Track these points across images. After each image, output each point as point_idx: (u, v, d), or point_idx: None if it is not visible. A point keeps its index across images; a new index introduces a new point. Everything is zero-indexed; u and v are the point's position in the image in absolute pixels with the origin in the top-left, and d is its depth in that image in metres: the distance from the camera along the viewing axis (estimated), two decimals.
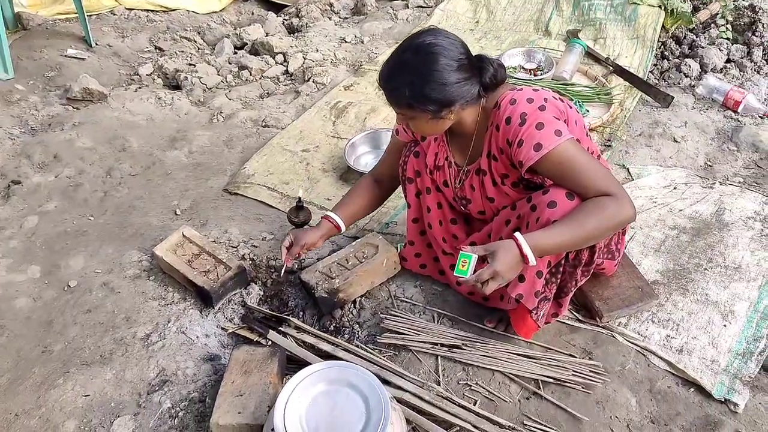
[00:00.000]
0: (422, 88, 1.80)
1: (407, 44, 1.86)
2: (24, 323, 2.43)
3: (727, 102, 3.61)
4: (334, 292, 2.40)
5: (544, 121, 1.83)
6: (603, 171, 1.86)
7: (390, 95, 1.89)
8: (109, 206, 2.99)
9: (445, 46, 1.81)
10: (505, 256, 1.80)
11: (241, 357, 2.15)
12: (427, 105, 1.82)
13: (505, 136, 1.90)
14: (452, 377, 2.20)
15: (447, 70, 1.79)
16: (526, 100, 1.86)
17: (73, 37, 4.40)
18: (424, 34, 1.85)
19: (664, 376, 2.20)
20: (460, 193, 2.21)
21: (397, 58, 1.87)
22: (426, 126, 1.93)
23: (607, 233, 1.90)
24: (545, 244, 1.81)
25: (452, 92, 1.82)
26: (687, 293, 2.48)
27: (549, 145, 1.82)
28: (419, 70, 1.80)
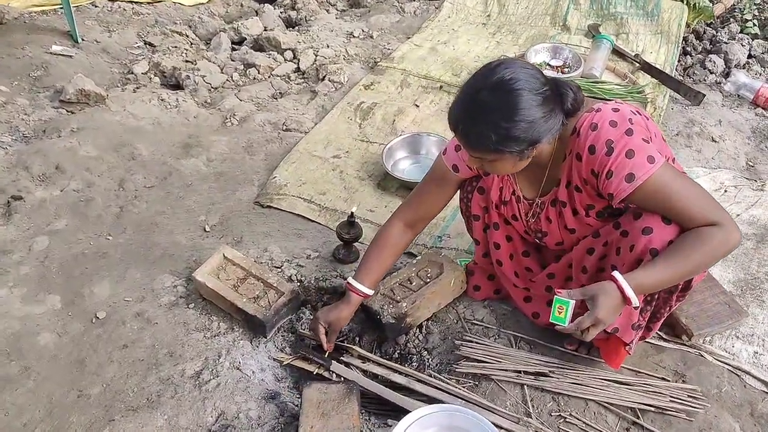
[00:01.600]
0: (509, 131, 1.60)
1: (481, 82, 1.64)
2: (51, 363, 2.14)
3: (757, 99, 3.54)
4: (401, 317, 2.20)
5: (634, 148, 1.65)
6: (702, 195, 1.69)
7: (470, 141, 1.67)
8: (127, 223, 2.70)
9: (526, 80, 1.61)
10: (606, 300, 1.67)
11: (315, 397, 1.94)
12: (514, 146, 1.63)
13: (589, 166, 1.72)
14: (542, 408, 2.03)
15: (532, 107, 1.60)
16: (609, 123, 1.68)
17: (56, 32, 4.03)
18: (499, 68, 1.63)
19: (763, 398, 2.07)
20: (535, 227, 2.02)
21: (472, 98, 1.64)
22: (508, 167, 1.74)
23: (713, 264, 1.78)
24: (647, 283, 1.68)
25: (540, 129, 1.63)
26: (764, 305, 2.37)
27: (642, 175, 1.65)
28: (503, 111, 1.59)
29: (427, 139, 3.07)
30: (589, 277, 1.97)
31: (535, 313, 2.22)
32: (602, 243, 1.89)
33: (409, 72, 3.71)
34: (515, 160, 1.69)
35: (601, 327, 1.69)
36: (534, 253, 2.18)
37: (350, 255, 2.53)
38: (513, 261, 2.18)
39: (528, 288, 2.21)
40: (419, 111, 3.40)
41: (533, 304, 2.22)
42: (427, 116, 3.37)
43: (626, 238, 1.79)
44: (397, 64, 3.78)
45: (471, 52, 3.95)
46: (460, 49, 3.97)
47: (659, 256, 1.69)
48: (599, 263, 1.93)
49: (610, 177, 1.68)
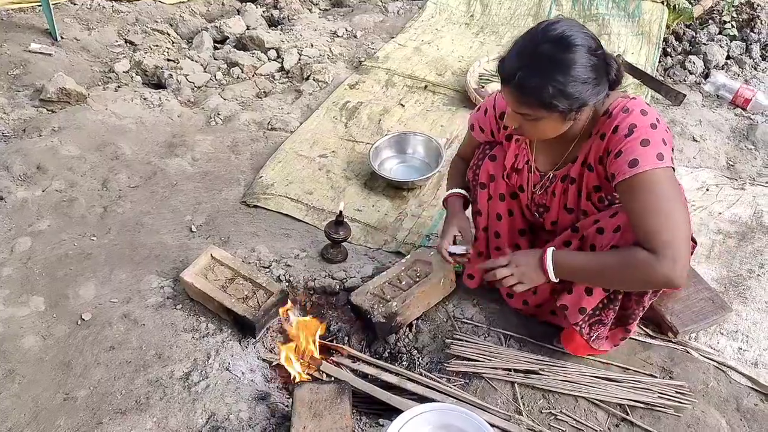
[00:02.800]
0: (565, 86, 1.59)
1: (541, 35, 1.62)
2: (37, 366, 2.11)
3: (736, 99, 3.59)
4: (392, 316, 2.20)
5: (651, 138, 1.67)
6: (672, 222, 1.62)
7: (524, 92, 1.64)
8: (112, 224, 2.65)
9: (584, 38, 1.61)
10: (526, 254, 1.86)
11: (306, 397, 1.92)
12: (566, 104, 1.62)
13: (608, 145, 1.74)
14: (533, 406, 2.05)
15: (588, 67, 1.60)
16: (640, 111, 1.70)
17: (35, 29, 3.95)
18: (559, 24, 1.63)
19: (748, 393, 2.11)
20: (539, 200, 2.03)
21: (532, 50, 1.62)
22: (548, 128, 1.73)
23: (632, 287, 1.82)
24: (566, 264, 1.80)
25: (589, 91, 1.63)
26: (747, 302, 2.41)
27: (645, 165, 1.65)
28: (563, 65, 1.58)
29: (413, 138, 3.06)
30: None
31: (509, 294, 2.26)
32: (579, 237, 1.92)
33: (393, 71, 3.71)
34: (559, 121, 1.69)
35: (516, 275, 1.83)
36: (528, 233, 2.19)
37: (338, 255, 2.52)
38: (509, 236, 2.19)
39: None
40: (405, 110, 3.39)
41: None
42: (412, 116, 3.37)
43: (600, 236, 1.83)
44: (382, 63, 3.77)
45: (455, 52, 3.96)
46: (444, 49, 3.98)
47: (592, 255, 1.81)
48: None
49: (618, 156, 1.69)
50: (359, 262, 2.53)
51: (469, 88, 3.44)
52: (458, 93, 3.55)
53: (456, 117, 3.36)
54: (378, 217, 2.75)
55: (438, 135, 3.16)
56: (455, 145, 3.16)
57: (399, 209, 2.80)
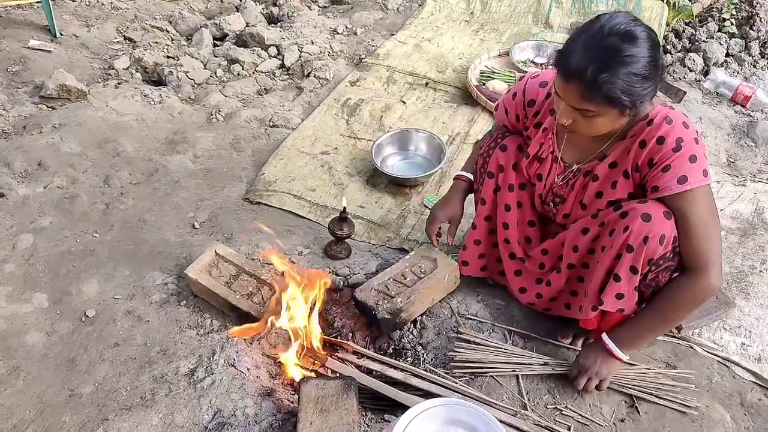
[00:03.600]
0: (634, 82, 1.57)
1: (608, 28, 1.57)
2: (41, 363, 2.10)
3: (736, 97, 3.61)
4: (396, 312, 2.20)
5: (698, 155, 1.70)
6: (715, 234, 1.77)
7: (592, 87, 1.58)
8: (114, 221, 2.65)
9: (647, 33, 1.59)
10: (588, 357, 1.97)
11: (313, 393, 1.92)
12: (629, 101, 1.60)
13: (651, 155, 1.73)
14: (538, 401, 2.05)
15: (652, 62, 1.59)
16: (682, 123, 1.71)
17: (34, 26, 3.94)
18: (619, 17, 1.59)
19: (752, 387, 2.12)
20: (558, 191, 2.02)
21: (598, 44, 1.57)
22: (605, 124, 1.70)
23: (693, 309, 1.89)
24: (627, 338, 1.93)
25: (649, 89, 1.62)
26: (749, 297, 2.43)
27: (694, 183, 1.69)
28: (631, 60, 1.55)
29: (416, 135, 3.06)
30: (579, 257, 2.00)
31: (522, 288, 2.24)
32: (598, 223, 1.91)
33: (394, 68, 3.71)
34: (617, 117, 1.67)
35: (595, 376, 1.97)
36: (539, 224, 2.19)
37: (342, 251, 2.52)
38: (518, 228, 2.18)
39: (523, 259, 2.21)
40: (406, 107, 3.39)
41: (522, 278, 2.24)
42: (414, 112, 3.37)
43: (623, 220, 1.81)
44: (382, 60, 3.77)
45: (455, 49, 3.96)
46: (444, 46, 3.98)
47: (643, 313, 1.89)
48: (591, 244, 1.96)
49: (666, 171, 1.70)
50: (363, 258, 2.53)
51: (470, 85, 3.44)
52: (459, 90, 3.56)
53: (457, 114, 3.37)
54: (381, 214, 2.75)
55: (439, 132, 3.16)
56: (457, 142, 3.17)
57: (402, 206, 2.80)
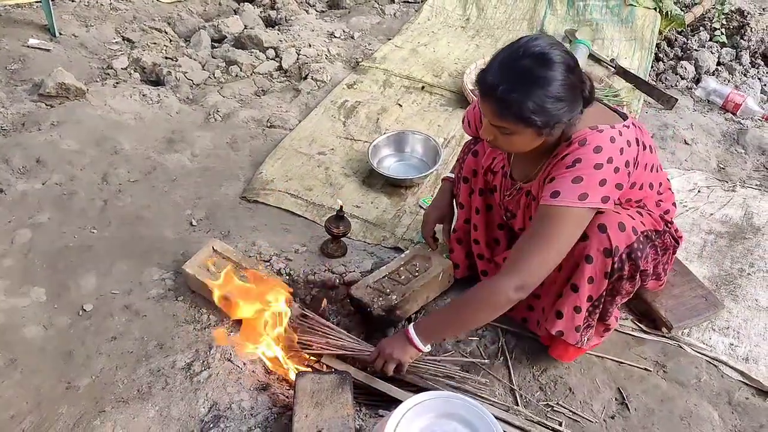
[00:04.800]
0: (545, 102, 1.60)
1: (522, 50, 1.63)
2: (39, 356, 2.12)
3: (726, 104, 3.66)
4: (391, 310, 2.23)
5: (585, 178, 1.69)
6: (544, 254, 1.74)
7: (503, 106, 1.63)
8: (112, 217, 2.67)
9: (563, 56, 1.63)
10: (390, 340, 1.97)
11: (308, 387, 1.94)
12: (543, 120, 1.63)
13: (551, 170, 1.78)
14: (530, 398, 2.09)
15: (566, 85, 1.62)
16: (594, 147, 1.70)
17: (33, 25, 3.96)
18: (539, 41, 1.64)
19: (739, 387, 2.16)
20: (507, 205, 2.08)
21: (512, 65, 1.62)
22: (522, 142, 1.74)
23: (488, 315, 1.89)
24: (429, 331, 1.92)
25: (564, 109, 1.64)
26: (738, 299, 2.47)
27: (561, 202, 1.70)
28: (543, 82, 1.59)
29: (412, 137, 3.10)
30: None
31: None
32: None
33: (391, 72, 3.75)
34: (534, 136, 1.69)
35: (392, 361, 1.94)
36: (507, 228, 2.23)
37: (338, 250, 2.55)
38: (487, 230, 2.25)
39: (490, 260, 2.28)
40: (402, 110, 3.44)
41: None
42: (410, 115, 3.41)
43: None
44: (379, 64, 3.82)
45: (451, 54, 4.01)
46: (440, 51, 4.03)
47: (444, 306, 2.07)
48: None
49: (551, 182, 1.74)
50: (358, 257, 2.56)
51: (465, 89, 3.49)
52: (455, 94, 3.60)
53: (452, 117, 3.41)
54: (377, 214, 2.78)
55: (435, 135, 3.20)
56: (452, 145, 3.21)
57: (397, 206, 2.84)
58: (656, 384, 2.14)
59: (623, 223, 1.80)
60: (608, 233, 1.78)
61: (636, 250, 1.82)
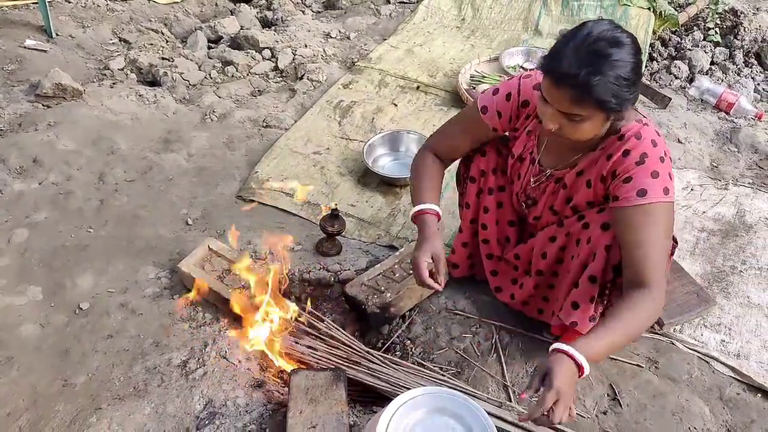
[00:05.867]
0: (624, 87, 1.58)
1: (595, 33, 1.58)
2: (35, 354, 2.13)
3: (720, 104, 3.69)
4: (385, 307, 2.25)
5: (660, 171, 1.71)
6: (664, 256, 1.75)
7: (583, 91, 1.57)
8: (108, 216, 2.68)
9: (631, 38, 1.61)
10: (561, 369, 1.54)
11: (303, 383, 1.96)
12: (617, 106, 1.61)
13: (614, 167, 1.76)
14: None
15: (636, 69, 1.60)
16: (651, 141, 1.72)
17: (30, 26, 3.98)
18: (603, 23, 1.61)
19: (730, 382, 2.18)
20: (531, 192, 2.06)
21: (590, 47, 1.57)
22: (591, 129, 1.70)
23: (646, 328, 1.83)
24: (593, 355, 1.60)
25: (634, 93, 1.64)
26: (730, 296, 2.49)
27: (652, 198, 1.70)
28: (620, 65, 1.56)
29: (407, 137, 3.12)
30: (547, 264, 2.05)
31: (497, 287, 2.30)
32: (565, 233, 1.97)
33: (386, 72, 3.77)
34: (602, 122, 1.67)
35: (565, 401, 1.52)
36: (518, 224, 2.23)
37: (333, 248, 2.57)
38: (498, 227, 2.22)
39: (500, 258, 2.26)
40: (397, 110, 3.46)
41: (498, 278, 2.29)
42: (405, 115, 3.43)
43: (586, 230, 1.88)
44: (375, 64, 3.84)
45: (446, 54, 4.03)
46: (435, 51, 4.05)
47: (603, 326, 1.65)
48: (559, 253, 2.01)
49: (627, 182, 1.72)
50: (353, 255, 2.58)
51: (460, 89, 3.51)
52: (449, 94, 3.62)
53: (447, 116, 3.41)
54: (371, 213, 2.80)
55: (430, 134, 3.21)
56: None
57: (392, 205, 2.85)
58: (648, 380, 2.15)
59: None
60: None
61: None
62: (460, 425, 1.66)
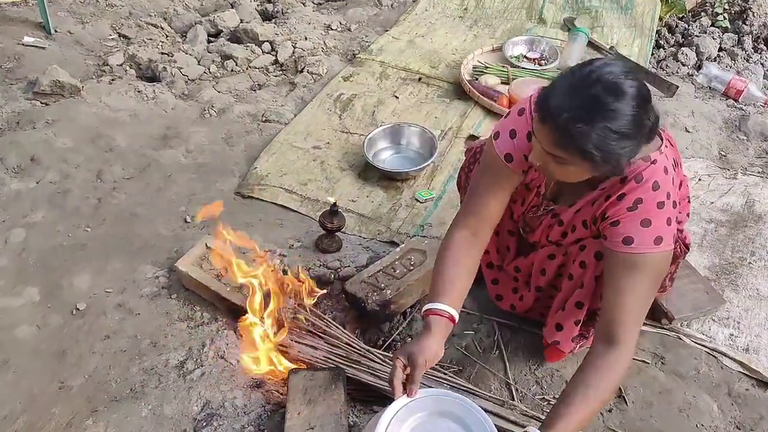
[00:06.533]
0: (609, 138, 1.41)
1: (596, 75, 1.43)
2: (32, 356, 2.11)
3: (728, 91, 3.61)
4: (385, 305, 2.21)
5: (653, 219, 1.59)
6: (644, 308, 1.65)
7: (566, 134, 1.44)
8: (106, 215, 2.66)
9: (637, 88, 1.43)
10: None
11: (301, 384, 1.93)
12: (603, 158, 1.45)
13: (606, 209, 1.66)
14: (526, 392, 2.07)
15: (635, 121, 1.42)
16: (653, 184, 1.58)
17: (28, 23, 3.95)
18: (612, 66, 1.45)
19: (739, 378, 2.13)
20: (529, 221, 1.98)
21: (584, 91, 1.43)
22: (575, 174, 1.57)
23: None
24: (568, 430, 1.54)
25: (629, 149, 1.46)
26: (738, 289, 2.44)
27: (639, 248, 1.59)
28: (612, 115, 1.40)
29: (408, 130, 3.08)
30: (546, 280, 2.00)
31: (498, 296, 2.25)
32: (562, 252, 1.91)
33: (387, 64, 3.72)
34: (590, 170, 1.53)
35: None
36: (517, 234, 2.16)
37: (333, 244, 2.53)
38: (498, 237, 2.14)
39: (500, 267, 2.21)
40: (399, 102, 3.40)
41: (499, 287, 2.24)
42: (406, 107, 3.38)
43: (583, 252, 1.82)
44: (376, 56, 3.78)
45: (449, 45, 3.97)
46: (438, 42, 3.99)
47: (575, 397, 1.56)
48: (558, 269, 1.95)
49: (615, 225, 1.62)
50: (353, 251, 2.54)
51: (462, 80, 3.45)
52: (452, 85, 3.56)
53: (450, 108, 3.37)
54: (372, 208, 2.76)
55: (432, 126, 3.17)
56: (449, 137, 3.17)
57: (393, 200, 2.81)
58: (654, 376, 2.11)
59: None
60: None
61: None
62: (461, 427, 1.62)
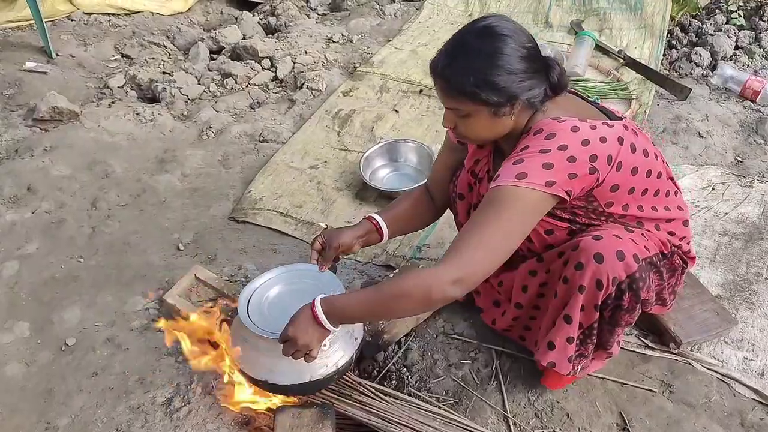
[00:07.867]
0: (487, 74, 1.52)
1: (468, 27, 1.61)
2: (19, 395, 2.08)
3: (745, 92, 3.46)
4: (378, 334, 2.14)
5: (527, 159, 1.55)
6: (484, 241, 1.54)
7: (447, 83, 1.58)
8: (99, 245, 2.63)
9: (512, 30, 1.56)
10: (297, 317, 1.66)
11: (287, 422, 1.86)
12: (491, 94, 1.54)
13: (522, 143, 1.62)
14: (525, 425, 1.97)
15: (515, 57, 1.52)
16: (546, 136, 1.56)
17: (30, 48, 3.96)
18: (488, 18, 1.60)
19: (753, 406, 2.01)
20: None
21: (456, 41, 1.60)
22: (481, 125, 1.63)
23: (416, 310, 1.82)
24: (342, 310, 1.64)
25: (520, 84, 1.54)
26: (753, 307, 2.31)
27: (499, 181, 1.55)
28: (485, 53, 1.53)
29: (404, 146, 2.99)
30: (527, 298, 1.91)
31: (478, 308, 2.18)
32: (545, 269, 1.82)
33: (388, 76, 3.64)
34: (489, 117, 1.59)
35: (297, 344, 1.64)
36: None
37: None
38: None
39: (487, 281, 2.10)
40: (399, 116, 3.33)
41: (481, 299, 2.17)
42: (407, 121, 3.30)
43: (565, 268, 1.73)
44: (377, 68, 3.71)
45: None
46: None
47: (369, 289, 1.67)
48: (540, 289, 1.87)
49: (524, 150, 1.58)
50: (348, 276, 2.47)
51: None
52: None
53: None
54: None
55: (432, 140, 3.09)
56: None
57: None
58: (661, 406, 2.00)
59: (622, 251, 1.64)
60: (604, 263, 1.63)
61: (638, 280, 1.66)
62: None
